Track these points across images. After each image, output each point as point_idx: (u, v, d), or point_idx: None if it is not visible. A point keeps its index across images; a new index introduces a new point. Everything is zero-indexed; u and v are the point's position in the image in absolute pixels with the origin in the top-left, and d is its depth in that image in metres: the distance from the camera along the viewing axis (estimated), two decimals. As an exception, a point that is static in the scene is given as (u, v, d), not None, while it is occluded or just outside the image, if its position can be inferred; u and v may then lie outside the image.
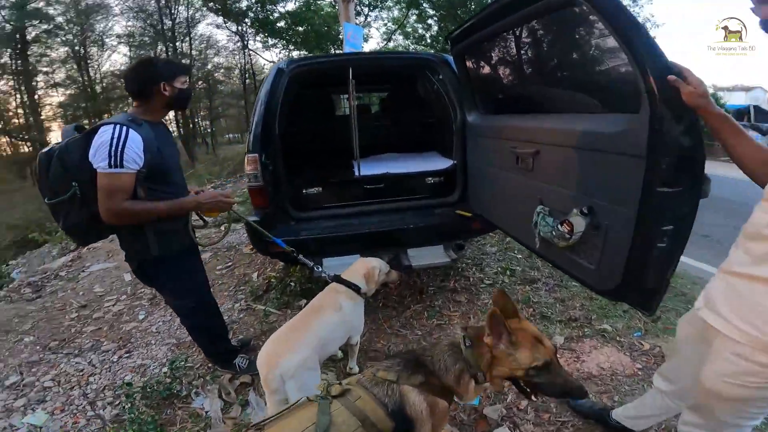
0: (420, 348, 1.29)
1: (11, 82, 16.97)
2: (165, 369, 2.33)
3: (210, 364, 2.31)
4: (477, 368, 1.16)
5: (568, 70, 1.62)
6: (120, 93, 23.01)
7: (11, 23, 14.54)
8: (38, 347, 2.82)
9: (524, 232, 1.90)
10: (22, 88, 16.96)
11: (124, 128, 1.56)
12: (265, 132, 2.53)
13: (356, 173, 2.92)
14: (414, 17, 18.75)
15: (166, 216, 1.72)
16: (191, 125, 23.65)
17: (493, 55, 2.11)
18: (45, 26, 15.68)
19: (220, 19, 19.03)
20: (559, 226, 1.53)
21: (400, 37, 19.68)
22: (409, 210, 2.82)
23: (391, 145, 4.23)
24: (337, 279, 1.98)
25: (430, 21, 18.42)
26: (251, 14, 17.27)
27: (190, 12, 20.25)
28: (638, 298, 1.31)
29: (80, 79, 19.49)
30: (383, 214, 2.80)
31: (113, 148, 1.52)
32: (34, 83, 17.47)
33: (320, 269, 2.15)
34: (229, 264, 4.08)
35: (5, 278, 4.83)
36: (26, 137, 17.43)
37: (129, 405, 2.01)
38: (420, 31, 19.29)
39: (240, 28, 19.35)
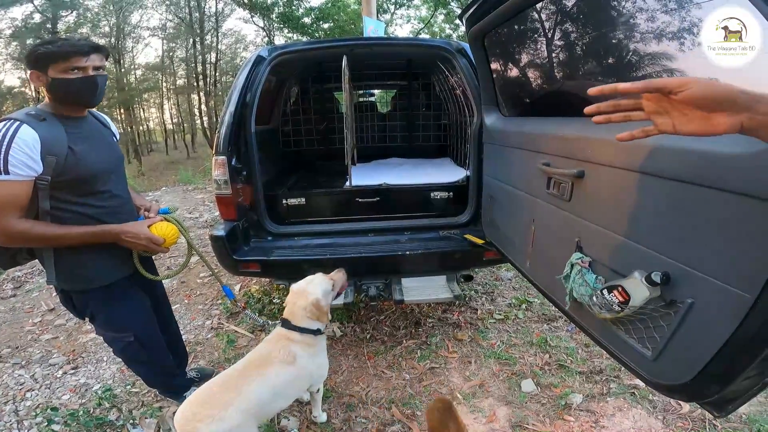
0: None
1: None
2: (97, 395, 2.12)
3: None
4: None
5: (642, 51, 1.06)
6: (150, 85, 23.48)
7: (43, 13, 14.79)
8: None
9: (549, 282, 1.39)
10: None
11: (15, 125, 1.23)
12: (237, 130, 2.10)
13: (347, 183, 2.44)
14: (442, 17, 18.15)
15: (77, 245, 1.37)
16: (215, 118, 23.76)
17: (522, 36, 1.57)
18: (73, 18, 15.89)
19: (247, 14, 19.00)
20: (605, 292, 1.00)
21: (427, 37, 19.11)
22: (408, 230, 2.31)
23: (399, 149, 3.74)
24: (288, 326, 1.55)
25: (458, 21, 17.79)
26: (277, 9, 17.13)
27: (219, 6, 20.34)
28: (709, 398, 0.86)
29: (114, 70, 19.88)
30: (377, 233, 2.30)
31: None
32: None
33: (269, 322, 1.73)
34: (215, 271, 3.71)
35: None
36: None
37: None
38: (447, 30, 18.69)
39: (266, 23, 19.26)
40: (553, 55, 1.47)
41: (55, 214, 1.33)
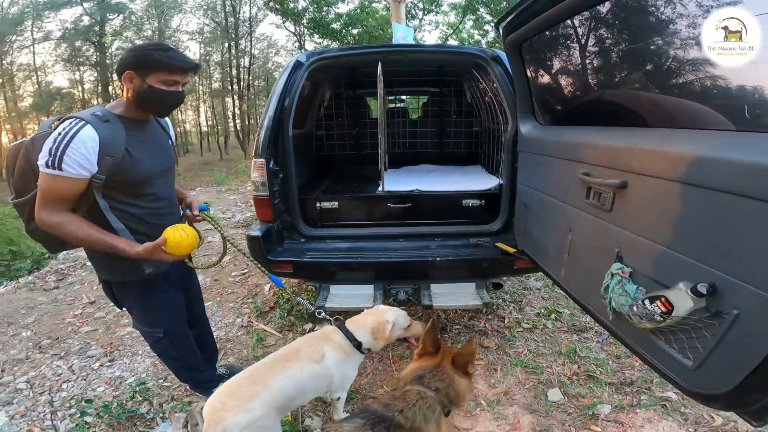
0: (381, 404, 1.15)
1: (95, 74, 18.48)
2: (131, 388, 2.17)
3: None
4: (451, 405, 1.23)
5: (684, 57, 1.04)
6: (188, 87, 24.49)
7: (92, 16, 15.73)
8: (30, 344, 2.75)
9: (585, 291, 1.39)
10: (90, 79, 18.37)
11: (79, 124, 1.27)
12: (275, 134, 2.17)
13: (380, 188, 2.47)
14: (470, 23, 18.02)
15: (103, 251, 1.40)
16: (248, 122, 24.51)
17: (561, 45, 1.57)
18: (119, 21, 16.83)
19: (279, 19, 19.54)
20: (646, 302, 1.00)
21: (455, 43, 19.01)
22: (439, 237, 2.32)
23: (429, 155, 3.75)
24: (340, 326, 1.60)
25: (486, 27, 17.59)
26: (308, 15, 17.51)
27: (253, 11, 21.07)
28: (749, 408, 0.88)
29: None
30: (407, 238, 2.33)
31: (55, 146, 1.25)
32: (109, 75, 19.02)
33: (322, 313, 1.75)
34: (246, 271, 3.83)
35: (43, 263, 4.91)
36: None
37: (82, 423, 1.89)
38: (476, 36, 18.54)
39: (297, 28, 19.73)
40: (593, 63, 1.46)
41: (100, 209, 1.36)
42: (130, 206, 1.43)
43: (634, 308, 1.05)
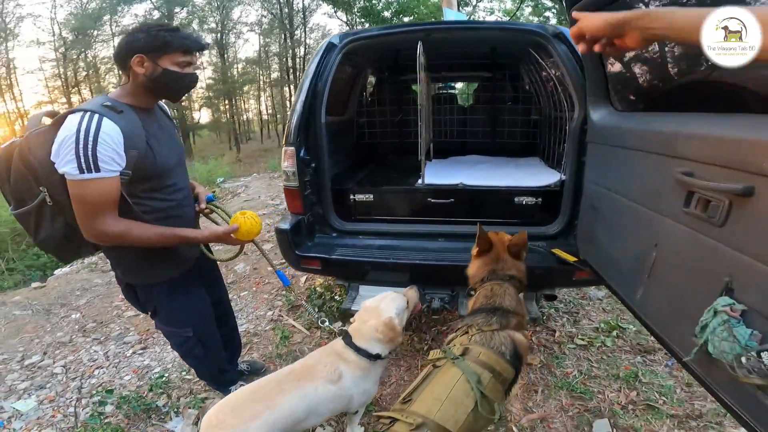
0: (492, 297, 1.35)
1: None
2: (151, 380, 2.16)
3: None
4: (521, 287, 1.47)
5: None
6: (249, 78, 25.43)
7: (160, 10, 16.79)
8: (77, 327, 2.86)
9: (670, 326, 1.11)
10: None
11: (95, 117, 1.15)
12: (307, 121, 2.02)
13: (420, 181, 2.24)
14: (529, 9, 16.79)
15: (171, 246, 1.38)
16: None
17: (648, 5, 1.22)
18: (184, 14, 17.80)
19: (331, 9, 19.60)
20: (764, 355, 0.74)
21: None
22: None
23: (480, 145, 3.43)
24: (349, 344, 1.40)
25: (548, 14, 16.25)
26: (359, 3, 17.37)
27: (306, 1, 21.32)
28: None
29: (219, 63, 21.95)
30: (447, 238, 2.08)
31: (82, 146, 1.12)
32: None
33: (326, 322, 1.61)
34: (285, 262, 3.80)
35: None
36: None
37: (98, 413, 1.91)
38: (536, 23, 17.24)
39: (349, 17, 19.69)
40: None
41: (133, 208, 1.28)
42: (155, 200, 1.35)
43: (743, 360, 0.77)
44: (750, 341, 0.78)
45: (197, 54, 1.31)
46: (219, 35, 21.44)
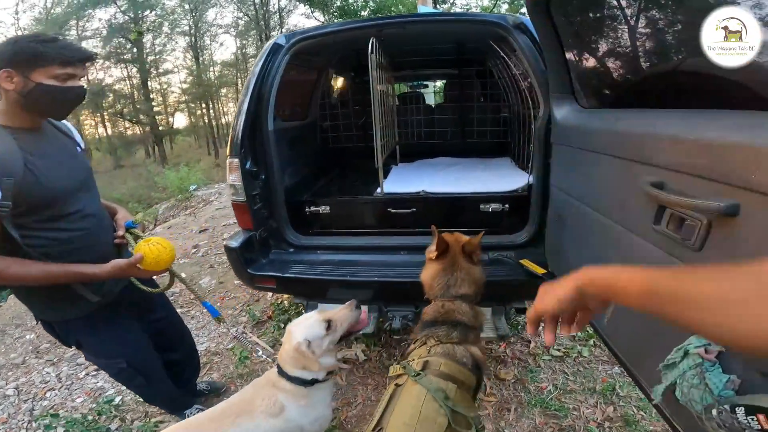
0: (445, 314, 1.30)
1: (132, 70, 19.21)
2: (99, 405, 2.06)
3: None
4: (477, 298, 1.37)
5: None
6: (227, 80, 24.92)
7: (126, 14, 16.26)
8: (30, 348, 2.75)
9: (633, 352, 0.99)
10: (134, 74, 19.03)
11: None
12: (252, 129, 1.86)
13: (378, 190, 2.06)
14: (506, 6, 16.82)
15: (68, 283, 1.21)
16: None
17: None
18: (153, 17, 17.30)
19: (309, 9, 19.28)
20: (739, 410, 0.59)
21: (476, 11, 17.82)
22: None
23: (449, 147, 3.27)
24: (280, 372, 1.31)
25: (524, 10, 16.28)
26: (335, 3, 17.14)
27: (282, 2, 20.95)
28: None
29: (194, 67, 21.47)
30: (410, 251, 1.91)
31: None
32: (153, 70, 19.67)
33: (259, 351, 1.48)
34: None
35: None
36: (139, 120, 19.62)
37: None
38: (512, 21, 17.26)
39: (326, 17, 19.43)
40: (668, 16, 0.95)
41: (28, 243, 1.12)
42: (54, 230, 1.17)
43: (714, 412, 0.63)
44: (725, 390, 0.64)
45: (84, 65, 1.15)
46: (193, 38, 20.97)
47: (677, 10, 0.87)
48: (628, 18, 1.09)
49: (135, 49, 17.50)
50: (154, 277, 1.62)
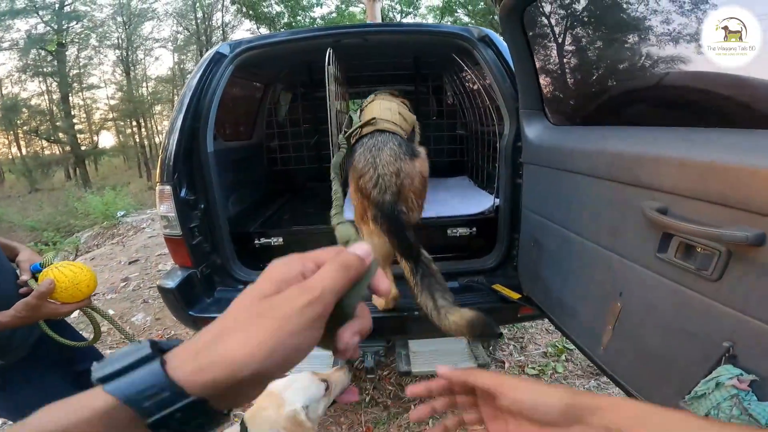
0: None
1: (52, 84, 17.39)
2: None
3: None
4: None
5: None
6: (164, 96, 23.46)
7: (49, 24, 14.85)
8: None
9: (647, 387, 0.89)
10: (54, 89, 17.29)
11: None
12: (188, 150, 1.61)
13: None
14: (449, 23, 17.82)
15: None
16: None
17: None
18: (79, 28, 15.97)
19: (254, 25, 18.89)
20: None
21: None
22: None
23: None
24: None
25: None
26: (282, 20, 17.01)
27: (227, 18, 20.33)
28: None
29: (124, 83, 19.97)
30: None
31: None
32: (76, 84, 17.90)
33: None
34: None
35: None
36: (58, 138, 17.69)
37: None
38: (456, 39, 18.34)
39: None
40: (656, 18, 0.90)
41: None
42: None
43: None
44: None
45: None
46: (124, 52, 19.59)
47: (663, 15, 0.82)
48: (612, 27, 1.05)
49: (56, 62, 15.88)
50: (74, 315, 1.30)
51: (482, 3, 14.31)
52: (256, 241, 1.87)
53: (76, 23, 16.00)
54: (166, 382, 0.27)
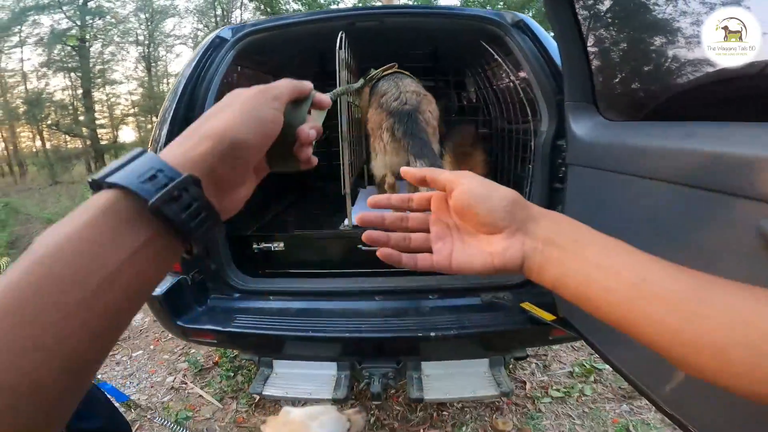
0: None
1: (73, 80, 17.75)
2: None
3: None
4: None
5: None
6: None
7: (72, 20, 15.16)
8: None
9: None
10: (78, 84, 17.63)
11: None
12: None
13: (345, 222, 1.72)
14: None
15: None
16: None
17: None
18: (101, 23, 16.25)
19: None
20: None
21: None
22: (435, 293, 1.55)
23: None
24: None
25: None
26: (303, 17, 17.06)
27: (245, 15, 20.49)
28: None
29: (145, 79, 20.34)
30: (387, 296, 1.55)
31: None
32: (99, 80, 18.25)
33: None
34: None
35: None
36: (80, 132, 18.05)
37: None
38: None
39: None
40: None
41: None
42: None
43: None
44: None
45: None
46: (146, 48, 19.93)
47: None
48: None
49: (78, 57, 16.18)
50: None
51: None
52: (255, 246, 1.70)
53: (99, 19, 16.29)
54: (162, 164, 0.30)
